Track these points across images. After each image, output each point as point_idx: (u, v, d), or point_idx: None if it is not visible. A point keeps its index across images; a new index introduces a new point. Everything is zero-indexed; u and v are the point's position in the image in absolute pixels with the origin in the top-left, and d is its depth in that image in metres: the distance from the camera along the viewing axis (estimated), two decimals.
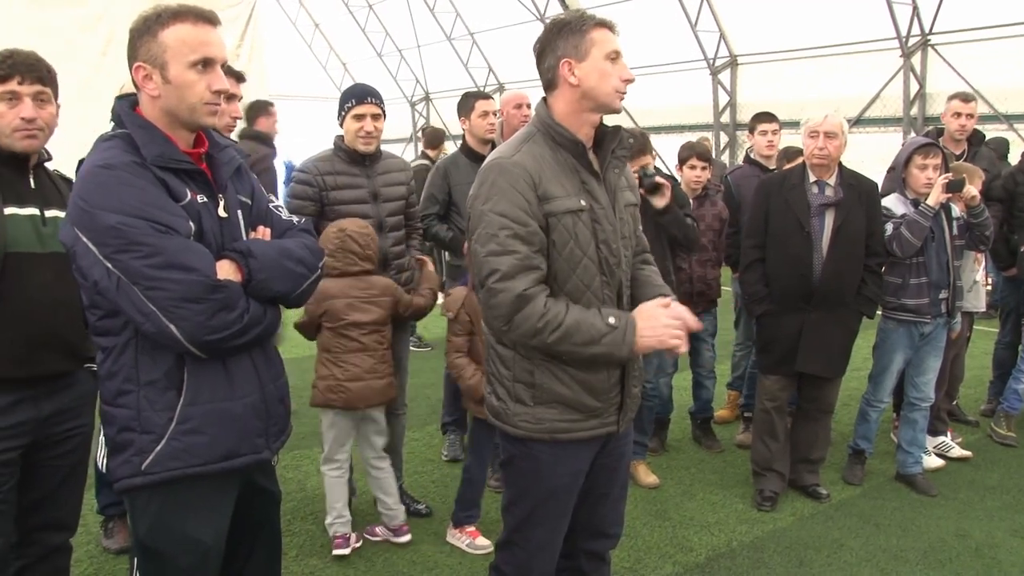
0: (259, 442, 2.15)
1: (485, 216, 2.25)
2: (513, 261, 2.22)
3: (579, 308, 2.28)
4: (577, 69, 2.32)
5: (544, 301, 2.24)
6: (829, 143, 4.21)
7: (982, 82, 11.49)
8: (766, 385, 4.50)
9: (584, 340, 2.25)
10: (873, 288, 4.34)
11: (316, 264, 2.24)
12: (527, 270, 2.23)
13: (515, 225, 2.23)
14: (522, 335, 2.26)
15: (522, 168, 2.27)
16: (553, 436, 2.39)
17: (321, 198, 3.86)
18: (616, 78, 2.34)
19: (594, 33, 2.33)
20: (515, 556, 2.54)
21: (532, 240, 2.25)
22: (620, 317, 2.31)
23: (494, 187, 2.26)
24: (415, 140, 22.90)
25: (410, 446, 5.04)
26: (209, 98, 2.02)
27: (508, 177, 2.25)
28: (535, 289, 2.24)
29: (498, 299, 2.22)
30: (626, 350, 2.29)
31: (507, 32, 18.31)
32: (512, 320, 2.23)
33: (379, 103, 3.88)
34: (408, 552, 3.88)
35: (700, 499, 4.53)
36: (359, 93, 3.87)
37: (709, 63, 14.80)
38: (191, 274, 1.90)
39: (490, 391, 2.50)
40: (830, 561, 3.84)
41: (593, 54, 2.32)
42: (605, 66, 2.32)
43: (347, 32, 23.08)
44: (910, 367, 4.67)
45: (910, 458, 4.70)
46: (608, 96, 2.35)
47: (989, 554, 3.90)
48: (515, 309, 2.22)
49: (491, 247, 2.23)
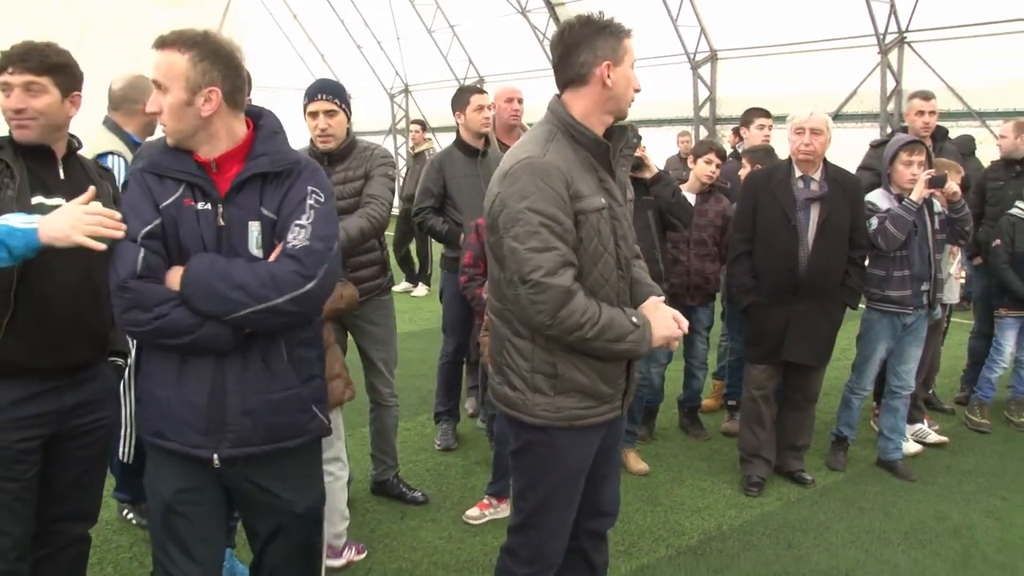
0: (194, 438, 2.25)
1: (524, 214, 2.30)
2: (556, 257, 2.29)
3: (607, 306, 2.39)
4: (614, 72, 2.40)
5: (583, 298, 2.33)
6: (815, 139, 4.34)
7: (956, 79, 11.70)
8: (754, 374, 4.63)
9: (615, 337, 2.37)
10: (857, 280, 4.49)
11: (266, 296, 2.14)
12: (567, 266, 2.32)
13: (553, 223, 2.30)
14: (564, 330, 2.33)
15: (555, 167, 2.34)
16: (571, 423, 2.48)
17: None
18: (632, 88, 2.47)
19: (627, 41, 2.44)
20: (530, 539, 2.64)
21: (567, 238, 2.33)
22: (640, 317, 2.46)
23: (531, 185, 2.31)
24: (394, 133, 22.89)
25: (402, 436, 5.10)
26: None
27: (544, 176, 2.32)
28: (576, 285, 2.33)
29: (546, 295, 2.28)
30: (646, 347, 2.47)
31: (488, 25, 18.29)
32: (557, 315, 2.30)
33: (332, 98, 3.75)
34: (407, 538, 3.98)
35: (689, 485, 4.67)
36: (311, 90, 3.79)
37: (689, 57, 14.92)
38: (112, 271, 2.17)
39: (502, 382, 2.57)
40: (816, 543, 3.98)
41: (626, 61, 2.43)
42: (631, 75, 2.45)
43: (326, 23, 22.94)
44: (892, 356, 4.82)
45: (891, 444, 4.87)
46: (627, 103, 2.48)
47: (967, 534, 4.07)
48: (561, 304, 2.29)
49: (532, 243, 2.29)
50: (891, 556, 3.85)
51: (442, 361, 5.25)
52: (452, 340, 5.15)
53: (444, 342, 5.23)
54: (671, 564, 3.77)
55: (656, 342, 2.47)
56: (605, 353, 2.42)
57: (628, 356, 2.48)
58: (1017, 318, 5.42)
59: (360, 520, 4.05)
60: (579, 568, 2.88)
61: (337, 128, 3.77)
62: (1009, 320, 5.45)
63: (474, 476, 4.71)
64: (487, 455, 4.90)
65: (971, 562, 3.81)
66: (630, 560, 3.79)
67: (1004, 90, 11.28)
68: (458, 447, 5.17)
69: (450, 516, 4.21)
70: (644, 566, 3.75)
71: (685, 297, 5.04)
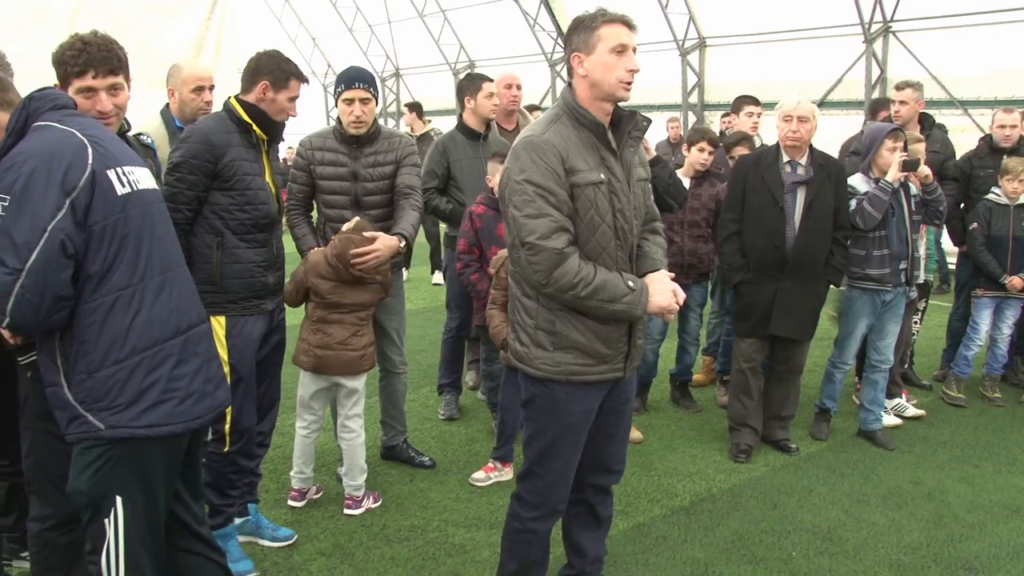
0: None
1: (521, 185, 2.59)
2: (549, 223, 2.57)
3: (604, 270, 2.65)
4: (586, 62, 2.66)
5: (578, 260, 2.60)
6: (802, 126, 4.60)
7: (939, 68, 12.00)
8: (742, 348, 4.90)
9: (608, 297, 2.63)
10: (840, 259, 4.76)
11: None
12: (560, 231, 2.59)
13: (548, 194, 2.58)
14: (559, 289, 2.60)
15: (551, 145, 2.61)
16: (569, 378, 2.75)
17: (310, 171, 4.13)
18: (622, 69, 2.66)
19: (602, 29, 2.66)
20: (535, 485, 2.90)
21: (561, 207, 2.60)
22: (637, 282, 2.72)
23: (528, 161, 2.60)
24: (385, 116, 23.01)
25: (408, 407, 5.31)
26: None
27: (540, 152, 2.60)
28: (570, 248, 2.60)
29: (540, 256, 2.57)
30: (640, 310, 2.71)
31: (479, 10, 18.48)
32: (552, 274, 2.58)
33: (368, 87, 4.02)
34: (418, 498, 4.23)
35: (681, 452, 4.94)
36: (347, 78, 4.04)
37: (679, 44, 15.16)
38: None
39: (514, 338, 2.85)
40: (800, 504, 4.26)
41: (599, 48, 2.65)
42: (610, 59, 2.65)
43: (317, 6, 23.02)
44: (872, 332, 5.10)
45: (871, 416, 5.15)
46: (612, 86, 2.67)
47: (940, 497, 4.36)
48: (555, 264, 2.57)
49: (528, 211, 2.58)
50: (870, 516, 4.14)
51: (446, 336, 5.50)
52: (456, 316, 5.38)
53: (448, 318, 5.47)
54: (665, 522, 4.04)
55: (651, 308, 2.72)
56: (601, 312, 2.67)
57: (623, 317, 2.73)
58: (992, 298, 5.71)
59: (372, 483, 4.28)
60: (586, 519, 3.16)
61: (369, 115, 4.05)
62: (985, 300, 5.74)
63: (477, 443, 4.97)
64: (488, 424, 5.17)
65: (943, 521, 4.10)
66: (627, 519, 4.05)
67: (986, 79, 11.60)
68: (461, 417, 5.42)
69: (457, 479, 4.47)
70: (640, 524, 4.01)
71: (680, 276, 5.28)
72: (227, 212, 3.31)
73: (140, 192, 2.40)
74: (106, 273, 2.27)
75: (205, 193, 3.29)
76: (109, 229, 2.27)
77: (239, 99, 3.37)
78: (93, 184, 2.24)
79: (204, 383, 2.46)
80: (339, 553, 3.68)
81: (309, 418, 4.04)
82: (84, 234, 2.23)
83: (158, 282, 2.39)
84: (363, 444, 4.06)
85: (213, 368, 2.54)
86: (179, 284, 2.49)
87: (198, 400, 2.42)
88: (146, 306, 2.33)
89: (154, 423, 2.31)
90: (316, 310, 3.87)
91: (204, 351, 2.51)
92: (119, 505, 2.32)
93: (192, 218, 3.30)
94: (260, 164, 3.39)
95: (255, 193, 3.34)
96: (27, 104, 2.34)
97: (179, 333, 2.42)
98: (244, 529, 3.73)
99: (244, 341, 3.39)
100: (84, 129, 2.31)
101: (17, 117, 2.33)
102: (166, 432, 2.33)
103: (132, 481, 2.34)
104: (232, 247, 3.33)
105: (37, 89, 2.40)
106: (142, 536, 2.38)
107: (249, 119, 3.33)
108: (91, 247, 2.25)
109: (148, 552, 2.40)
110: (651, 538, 3.88)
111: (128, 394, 2.28)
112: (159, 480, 2.40)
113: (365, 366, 3.94)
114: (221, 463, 3.46)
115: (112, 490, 2.33)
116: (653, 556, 3.71)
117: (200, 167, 3.23)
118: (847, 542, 3.87)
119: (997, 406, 5.79)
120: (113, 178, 2.31)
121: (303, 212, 4.25)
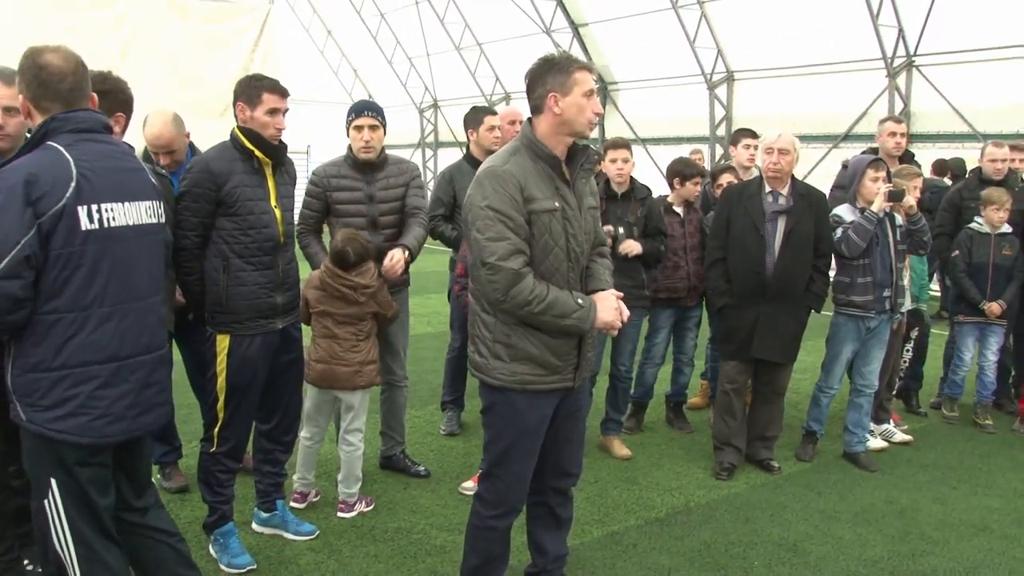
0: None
1: (484, 211, 2.88)
2: (508, 246, 2.86)
3: (556, 288, 2.94)
4: (561, 102, 2.95)
5: (532, 279, 2.89)
6: (782, 158, 4.84)
7: (962, 102, 12.13)
8: (726, 370, 5.12)
9: (560, 313, 2.93)
10: (820, 285, 4.97)
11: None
12: (518, 253, 2.88)
13: (507, 219, 2.87)
14: (515, 305, 2.89)
15: (511, 175, 2.91)
16: (524, 387, 3.03)
17: (326, 197, 4.50)
18: (590, 111, 2.99)
19: (577, 74, 2.97)
20: (495, 485, 3.17)
21: (519, 231, 2.89)
22: (586, 299, 3.02)
23: (490, 189, 2.89)
24: (423, 146, 23.59)
25: (412, 422, 5.66)
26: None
27: (500, 181, 2.90)
28: (526, 269, 2.89)
29: (499, 275, 2.86)
30: (588, 324, 3.01)
31: (514, 43, 18.96)
32: (509, 292, 2.87)
33: (376, 115, 4.43)
34: (408, 504, 4.51)
35: (667, 469, 5.15)
36: (358, 108, 4.49)
37: (706, 78, 15.44)
38: None
39: (473, 350, 3.14)
40: (773, 519, 4.45)
41: (575, 91, 2.96)
42: (582, 102, 2.96)
43: (359, 40, 23.77)
44: (857, 357, 5.27)
45: (855, 438, 5.32)
46: (582, 125, 3.00)
47: (911, 516, 4.52)
48: (512, 283, 2.86)
49: (489, 234, 2.87)
50: (837, 531, 4.31)
51: (449, 355, 5.80)
52: (458, 337, 5.67)
53: (452, 338, 5.78)
54: (638, 532, 4.26)
55: (598, 323, 3.01)
56: (553, 327, 2.95)
57: (573, 331, 3.01)
58: (974, 324, 5.87)
59: (368, 489, 4.56)
60: (547, 520, 3.42)
61: (377, 141, 4.46)
62: (967, 326, 5.90)
63: (473, 456, 5.22)
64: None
65: (908, 537, 4.26)
66: (602, 527, 4.29)
67: (1008, 113, 11.68)
68: (461, 433, 5.70)
69: (448, 488, 4.74)
70: (614, 532, 4.24)
71: (686, 298, 5.56)
72: (232, 236, 3.57)
73: (109, 229, 2.59)
74: (53, 295, 2.52)
75: (211, 219, 3.56)
76: (63, 258, 2.50)
77: (240, 127, 3.66)
78: (60, 216, 2.47)
79: (126, 408, 2.66)
80: (327, 549, 3.97)
81: (313, 430, 4.37)
82: (44, 253, 2.48)
83: (106, 312, 2.60)
84: (361, 456, 4.37)
85: (145, 395, 2.73)
86: (135, 315, 2.68)
87: (113, 422, 2.63)
88: (85, 331, 2.56)
89: (64, 430, 2.56)
90: (315, 325, 4.20)
91: (138, 379, 2.70)
92: (54, 486, 2.62)
93: (200, 243, 3.58)
94: (265, 189, 3.64)
95: (257, 217, 3.60)
96: (49, 123, 2.56)
97: (114, 360, 2.63)
98: (271, 522, 4.08)
99: (244, 360, 3.64)
100: (83, 159, 2.56)
101: (36, 133, 2.60)
102: (72, 441, 2.57)
103: (60, 471, 2.62)
104: (237, 270, 3.58)
105: (67, 110, 2.59)
106: (80, 512, 2.66)
107: (252, 145, 3.60)
108: (46, 268, 2.49)
109: (89, 526, 2.67)
110: (622, 545, 4.10)
111: (49, 399, 2.55)
112: (81, 476, 2.63)
113: (361, 382, 4.22)
114: (208, 462, 3.74)
115: (45, 472, 2.63)
116: (621, 561, 3.94)
117: (203, 195, 3.52)
118: (810, 554, 4.06)
119: (988, 433, 5.91)
120: (82, 214, 2.52)
121: (313, 232, 4.61)
